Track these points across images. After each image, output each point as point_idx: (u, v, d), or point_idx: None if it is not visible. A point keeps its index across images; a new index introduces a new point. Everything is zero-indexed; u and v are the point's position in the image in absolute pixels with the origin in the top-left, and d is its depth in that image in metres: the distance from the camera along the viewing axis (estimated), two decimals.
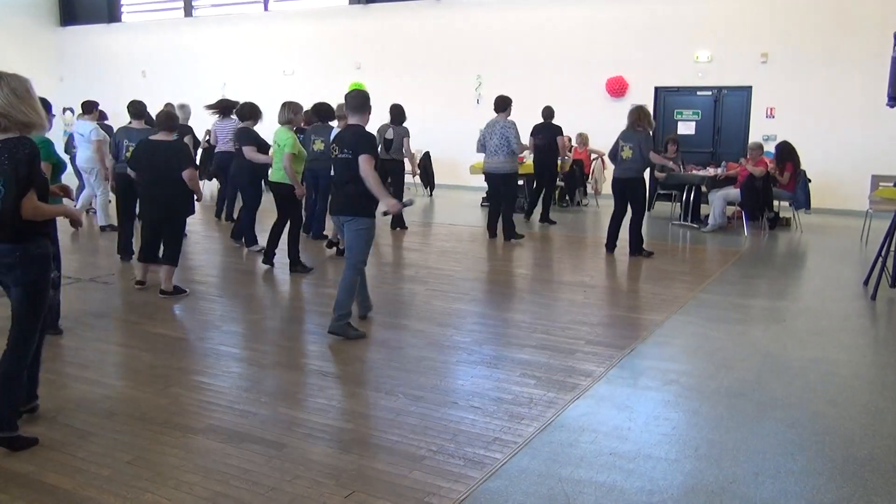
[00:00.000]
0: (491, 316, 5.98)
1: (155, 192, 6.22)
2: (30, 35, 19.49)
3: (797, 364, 4.83)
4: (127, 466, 3.30)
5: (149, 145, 6.28)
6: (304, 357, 4.95)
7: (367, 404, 4.08)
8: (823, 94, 12.45)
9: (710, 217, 10.43)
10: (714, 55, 13.27)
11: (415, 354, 4.92)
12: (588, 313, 6.05)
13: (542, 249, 9.11)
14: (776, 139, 12.25)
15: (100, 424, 3.75)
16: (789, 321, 5.93)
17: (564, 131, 12.32)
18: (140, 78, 18.99)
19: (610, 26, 13.99)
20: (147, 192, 6.34)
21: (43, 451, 3.43)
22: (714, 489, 3.17)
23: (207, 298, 6.45)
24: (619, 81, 14.05)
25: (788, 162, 10.33)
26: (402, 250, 8.85)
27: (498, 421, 3.84)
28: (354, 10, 16.46)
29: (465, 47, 15.29)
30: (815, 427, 3.83)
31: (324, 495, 3.06)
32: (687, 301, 6.41)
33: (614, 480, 3.23)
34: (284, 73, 17.21)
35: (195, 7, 18.68)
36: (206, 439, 3.59)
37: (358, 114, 5.30)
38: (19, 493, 3.06)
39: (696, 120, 13.72)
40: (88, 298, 6.42)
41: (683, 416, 3.98)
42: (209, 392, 4.23)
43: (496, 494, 3.10)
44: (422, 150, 14.98)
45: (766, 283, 7.46)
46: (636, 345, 5.17)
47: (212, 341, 5.24)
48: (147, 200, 6.39)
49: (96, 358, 4.81)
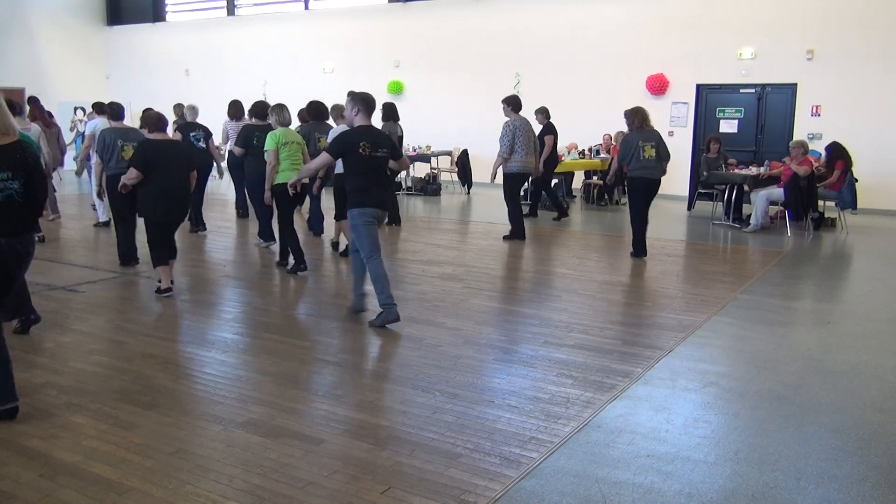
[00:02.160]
0: (528, 315, 5.96)
1: (175, 192, 6.20)
2: (78, 34, 19.99)
3: (842, 368, 4.72)
4: (169, 458, 3.36)
5: (160, 146, 6.17)
6: (342, 353, 5.00)
7: (404, 401, 4.09)
8: (871, 91, 12.14)
9: (753, 217, 10.25)
10: (758, 52, 13.03)
11: (452, 352, 4.93)
12: (626, 313, 5.99)
13: (579, 248, 9.05)
14: (822, 138, 12.01)
15: (143, 416, 3.83)
16: (834, 324, 5.80)
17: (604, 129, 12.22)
18: (183, 76, 19.36)
19: (651, 22, 13.82)
20: (165, 193, 6.14)
21: (89, 442, 3.52)
22: (754, 493, 3.11)
23: (243, 295, 6.54)
24: (660, 79, 13.88)
25: (839, 160, 10.12)
26: (439, 248, 8.86)
27: (534, 420, 3.83)
28: (394, 8, 16.53)
29: (504, 45, 15.25)
30: (861, 433, 3.74)
31: (360, 491, 3.08)
32: (728, 302, 6.31)
33: (652, 482, 3.20)
34: (324, 71, 17.37)
35: (237, 6, 18.94)
36: (245, 433, 3.64)
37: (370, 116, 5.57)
38: (65, 482, 3.14)
39: (738, 118, 13.49)
40: (127, 294, 6.56)
41: (723, 419, 3.92)
42: (249, 386, 4.29)
43: (532, 494, 3.09)
44: (460, 147, 15.00)
45: (810, 285, 7.31)
46: (675, 346, 5.11)
47: (250, 336, 5.32)
48: (164, 201, 6.15)
49: (138, 351, 4.91)
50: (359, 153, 5.35)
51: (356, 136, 5.41)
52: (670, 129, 13.93)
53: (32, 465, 3.29)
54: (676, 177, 13.85)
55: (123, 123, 7.94)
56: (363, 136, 5.42)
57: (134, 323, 5.62)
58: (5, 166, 3.63)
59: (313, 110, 9.18)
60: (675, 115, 13.90)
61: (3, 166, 3.62)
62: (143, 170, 6.07)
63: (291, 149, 7.31)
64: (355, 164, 5.42)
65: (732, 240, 9.72)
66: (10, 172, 3.64)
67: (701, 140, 13.22)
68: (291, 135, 7.43)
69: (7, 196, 3.64)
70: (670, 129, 13.92)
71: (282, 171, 7.24)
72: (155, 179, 6.10)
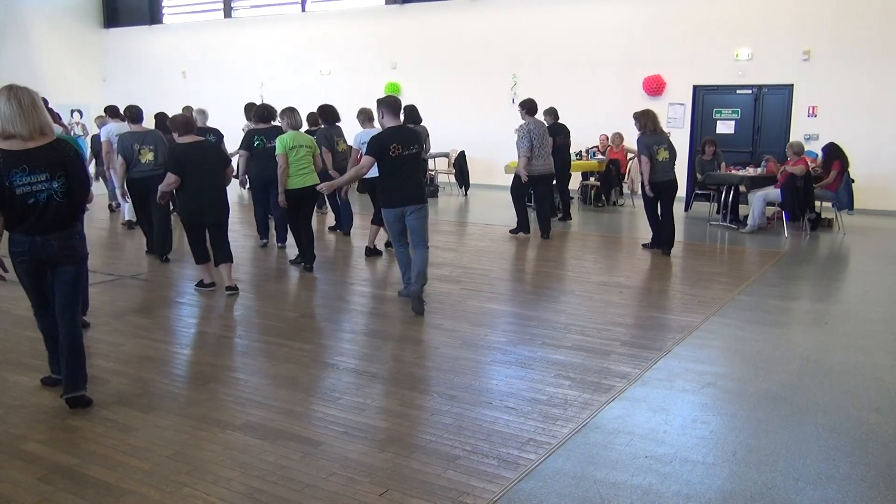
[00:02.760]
0: (525, 316, 5.96)
1: (209, 192, 6.29)
2: (74, 37, 19.95)
3: (839, 368, 4.73)
4: (166, 461, 3.36)
5: (191, 148, 6.24)
6: (340, 355, 4.99)
7: (402, 403, 4.09)
8: (868, 92, 12.15)
9: (750, 217, 10.26)
10: (755, 53, 13.04)
11: (449, 354, 4.93)
12: (624, 314, 6.00)
13: (577, 249, 9.05)
14: (818, 139, 12.03)
15: (140, 419, 3.83)
16: (831, 324, 5.81)
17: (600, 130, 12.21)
18: (180, 79, 19.32)
19: (647, 24, 13.83)
20: (199, 193, 6.25)
21: (86, 445, 3.51)
22: (752, 494, 3.12)
23: (242, 297, 6.54)
24: (657, 80, 13.89)
25: (836, 161, 10.15)
26: (437, 250, 8.86)
27: (532, 422, 3.83)
28: (391, 10, 16.53)
29: (501, 47, 15.25)
30: (858, 433, 3.75)
31: (358, 493, 3.08)
32: (725, 303, 6.32)
33: (650, 484, 3.20)
34: (321, 73, 17.36)
35: (234, 8, 18.93)
36: (243, 435, 3.64)
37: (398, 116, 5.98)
38: (63, 485, 3.13)
39: (735, 119, 13.50)
40: (127, 295, 6.55)
41: (721, 420, 3.93)
42: (247, 389, 4.28)
43: (530, 495, 3.09)
44: (457, 149, 15.00)
45: (807, 286, 7.32)
46: (673, 346, 5.11)
47: (249, 338, 5.32)
48: (197, 202, 6.28)
49: (136, 353, 4.91)
50: (390, 155, 5.74)
51: (388, 139, 5.79)
52: (667, 130, 13.91)
53: (30, 468, 3.29)
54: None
55: (142, 126, 8.04)
56: (394, 137, 5.80)
57: (132, 325, 5.62)
58: (42, 167, 3.66)
59: (328, 114, 9.11)
60: (672, 116, 13.91)
61: (40, 167, 3.65)
62: (180, 174, 6.17)
63: (300, 153, 7.29)
64: (387, 165, 5.79)
65: (729, 241, 9.73)
66: (47, 173, 3.67)
67: (698, 141, 13.23)
68: (301, 138, 7.40)
69: (47, 196, 3.69)
70: (667, 131, 13.92)
71: (290, 175, 7.25)
72: (190, 181, 6.22)
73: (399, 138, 5.78)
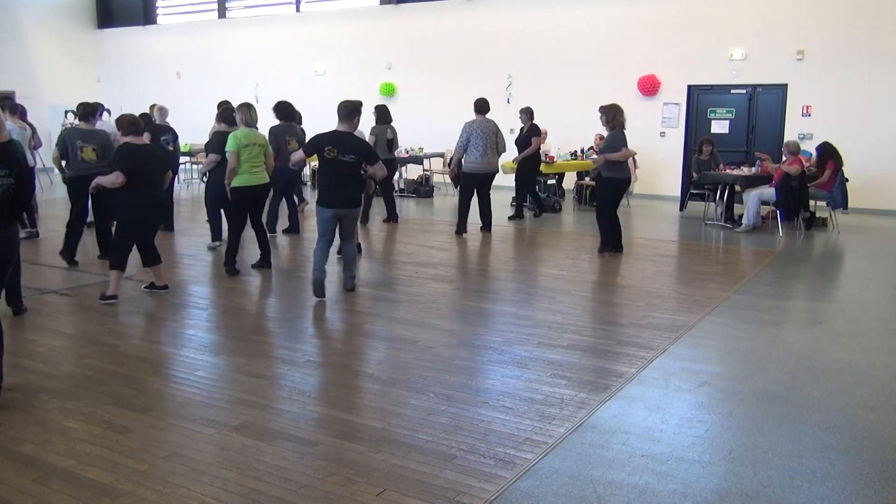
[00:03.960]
0: (521, 316, 5.96)
1: (158, 195, 6.26)
2: (68, 37, 19.89)
3: (834, 367, 4.74)
4: (163, 462, 3.35)
5: (140, 150, 6.10)
6: (335, 355, 4.99)
7: (399, 403, 4.09)
8: (862, 91, 12.20)
9: (745, 217, 10.29)
10: (749, 52, 13.07)
11: (446, 354, 4.93)
12: (620, 314, 6.00)
13: (573, 249, 9.06)
14: (812, 138, 12.06)
15: (136, 420, 3.82)
16: (825, 323, 5.83)
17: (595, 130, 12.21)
18: (175, 79, 19.29)
19: (642, 24, 13.86)
20: (149, 196, 6.15)
21: (82, 446, 3.50)
22: (749, 493, 3.13)
23: (236, 297, 6.52)
24: (652, 80, 13.91)
25: (830, 160, 10.18)
26: (432, 250, 8.86)
27: (529, 421, 3.83)
28: (385, 10, 16.52)
29: (496, 47, 15.26)
30: (853, 431, 3.76)
31: (355, 493, 3.08)
32: (721, 302, 6.33)
33: (647, 482, 3.21)
34: (316, 74, 17.35)
35: (228, 9, 18.90)
36: (240, 436, 3.63)
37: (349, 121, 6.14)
38: (59, 487, 3.12)
39: (730, 118, 13.53)
40: (119, 297, 6.53)
41: (717, 419, 3.94)
42: (242, 389, 4.28)
43: (527, 495, 3.10)
44: (451, 149, 14.99)
45: (802, 285, 7.34)
46: (669, 346, 5.12)
47: (244, 340, 5.30)
48: (150, 204, 6.17)
49: (132, 354, 4.89)
50: (325, 156, 6.04)
51: (325, 141, 6.08)
52: (662, 129, 13.98)
53: (26, 470, 3.28)
54: (668, 177, 13.93)
55: (92, 125, 7.75)
56: (331, 140, 6.07)
57: (126, 326, 5.61)
58: (3, 163, 3.97)
59: (283, 110, 9.19)
60: (667, 115, 13.94)
61: (2, 163, 3.97)
62: (129, 175, 5.97)
63: (253, 151, 7.15)
64: (323, 165, 6.16)
65: (724, 240, 9.76)
66: (7, 170, 3.97)
67: (692, 141, 13.27)
68: (254, 136, 7.23)
69: (3, 191, 3.98)
70: (662, 130, 13.97)
71: (241, 173, 7.12)
72: (138, 184, 6.03)
73: (336, 143, 6.03)
